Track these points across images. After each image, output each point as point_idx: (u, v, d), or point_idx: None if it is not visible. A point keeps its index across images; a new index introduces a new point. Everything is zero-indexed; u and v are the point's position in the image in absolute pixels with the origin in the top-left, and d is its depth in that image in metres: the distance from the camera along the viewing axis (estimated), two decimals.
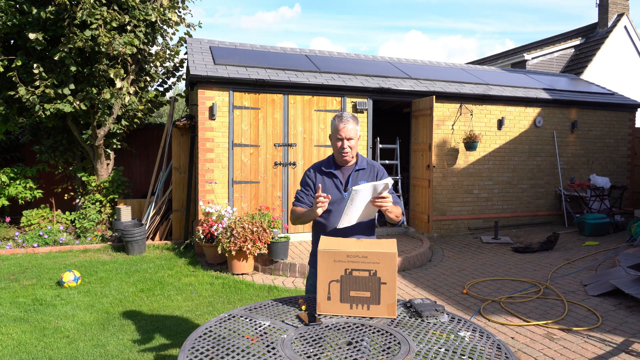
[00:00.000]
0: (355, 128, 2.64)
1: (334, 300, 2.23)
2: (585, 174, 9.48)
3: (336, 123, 2.65)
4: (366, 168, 2.74)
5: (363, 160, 2.77)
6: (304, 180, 2.80)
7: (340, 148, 2.64)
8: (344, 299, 2.22)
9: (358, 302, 2.21)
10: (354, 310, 2.21)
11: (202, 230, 6.35)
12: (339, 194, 2.67)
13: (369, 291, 2.22)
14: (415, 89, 8.07)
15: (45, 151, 8.48)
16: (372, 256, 2.26)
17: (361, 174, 2.71)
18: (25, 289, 5.33)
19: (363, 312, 2.20)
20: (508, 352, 1.85)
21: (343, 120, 2.63)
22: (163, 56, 8.60)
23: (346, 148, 2.63)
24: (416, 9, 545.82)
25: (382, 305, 2.20)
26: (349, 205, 2.36)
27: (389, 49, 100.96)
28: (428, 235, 7.94)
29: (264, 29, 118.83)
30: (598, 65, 12.96)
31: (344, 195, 2.66)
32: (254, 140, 7.16)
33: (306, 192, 2.76)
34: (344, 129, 2.61)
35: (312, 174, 2.76)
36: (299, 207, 2.74)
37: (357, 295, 2.22)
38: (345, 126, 2.61)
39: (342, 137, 2.62)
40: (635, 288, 4.64)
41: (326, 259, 2.27)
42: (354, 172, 2.70)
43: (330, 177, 2.71)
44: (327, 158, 2.81)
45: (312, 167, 2.80)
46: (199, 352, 1.82)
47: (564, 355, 3.57)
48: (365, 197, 2.38)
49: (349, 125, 2.62)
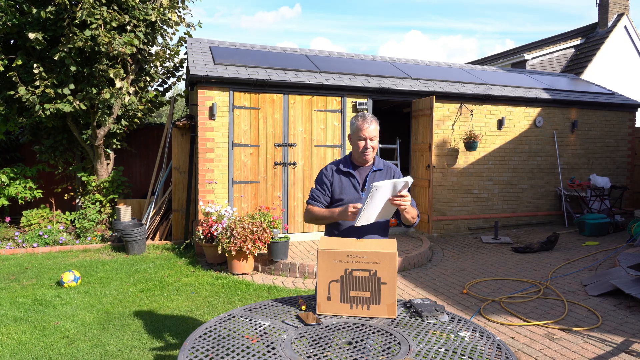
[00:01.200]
0: (377, 128, 2.63)
1: (334, 300, 2.23)
2: (585, 174, 9.48)
3: (359, 123, 2.62)
4: (383, 169, 2.72)
5: (380, 162, 2.75)
6: (320, 179, 2.75)
7: (363, 148, 2.61)
8: (344, 299, 2.22)
9: (358, 302, 2.21)
10: (354, 310, 2.21)
11: (202, 230, 6.35)
12: (357, 194, 2.65)
13: (369, 291, 2.21)
14: (415, 89, 8.07)
15: (45, 151, 8.48)
16: (372, 256, 2.26)
17: (378, 175, 2.69)
18: (25, 289, 5.33)
19: (363, 312, 2.20)
20: (508, 352, 1.85)
21: (366, 120, 2.61)
22: (163, 56, 8.60)
23: (369, 148, 2.61)
24: (416, 9, 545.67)
25: (382, 305, 2.20)
26: (368, 203, 2.32)
27: (389, 49, 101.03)
28: (428, 235, 7.94)
29: (264, 29, 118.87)
30: (598, 65, 12.96)
31: (361, 195, 2.64)
32: (254, 140, 7.16)
33: (322, 191, 2.71)
34: (367, 129, 2.59)
35: (330, 173, 2.73)
36: (315, 206, 2.71)
37: (357, 295, 2.22)
38: (368, 126, 2.59)
39: (366, 137, 2.59)
40: (635, 288, 4.64)
41: (326, 259, 2.27)
42: (372, 173, 2.68)
43: (347, 177, 2.68)
44: (343, 157, 2.78)
45: (329, 166, 2.78)
46: (199, 352, 1.82)
47: (564, 355, 3.57)
48: (385, 195, 2.34)
49: (372, 125, 2.60)
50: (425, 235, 7.81)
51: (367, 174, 2.67)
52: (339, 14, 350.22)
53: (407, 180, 2.37)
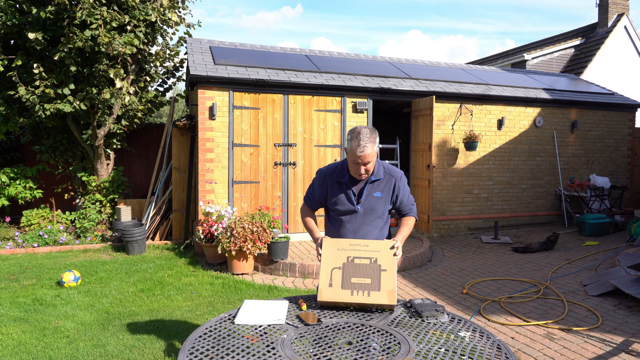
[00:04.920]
0: (373, 150, 2.40)
1: (335, 286, 2.25)
2: (585, 174, 9.48)
3: (353, 146, 2.38)
4: (382, 178, 2.56)
5: (380, 169, 2.56)
6: (315, 183, 2.69)
7: (357, 171, 2.45)
8: (345, 285, 2.25)
9: (359, 289, 2.24)
10: (354, 296, 2.23)
11: (202, 230, 6.36)
12: (352, 206, 2.55)
13: (369, 278, 2.26)
14: (415, 89, 8.07)
15: (45, 151, 8.48)
16: (373, 244, 2.35)
17: (376, 185, 2.55)
18: (25, 289, 5.33)
19: (364, 298, 2.22)
20: (508, 352, 1.85)
21: (361, 143, 2.35)
22: (163, 56, 8.60)
23: (363, 173, 2.45)
24: (417, 9, 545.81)
25: (382, 291, 2.23)
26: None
27: (389, 48, 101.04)
28: (428, 235, 7.94)
29: (265, 29, 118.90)
30: (598, 65, 12.96)
31: (357, 208, 2.55)
32: (254, 140, 7.16)
33: (313, 196, 2.71)
34: (362, 155, 2.36)
35: (324, 181, 2.62)
36: (308, 207, 2.76)
37: (358, 281, 2.25)
38: (363, 152, 2.36)
39: (359, 163, 2.41)
40: (635, 288, 4.64)
41: (330, 247, 2.36)
42: (369, 184, 2.54)
43: (342, 188, 2.56)
44: (340, 164, 2.61)
45: (325, 172, 2.64)
46: (199, 352, 1.82)
47: (564, 355, 3.57)
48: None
49: (367, 150, 2.36)
50: (425, 235, 7.81)
51: (365, 185, 2.55)
52: (340, 14, 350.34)
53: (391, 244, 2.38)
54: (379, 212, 2.59)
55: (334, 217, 2.66)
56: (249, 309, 2.22)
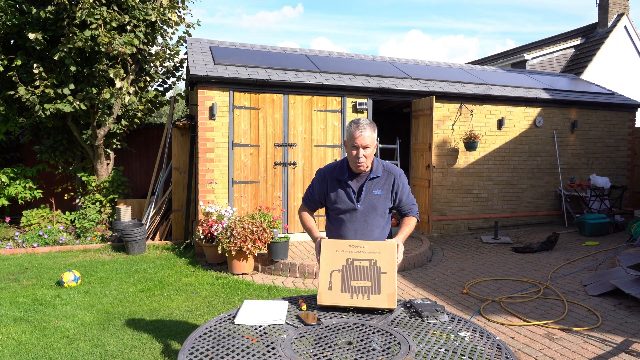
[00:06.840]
0: (372, 135, 2.46)
1: (335, 290, 2.23)
2: (585, 174, 9.48)
3: (352, 130, 2.46)
4: (382, 175, 2.57)
5: (379, 166, 2.58)
6: (314, 182, 2.69)
7: (355, 157, 2.46)
8: (344, 288, 2.23)
9: (359, 292, 2.22)
10: (354, 300, 2.21)
11: (202, 230, 6.35)
12: (351, 204, 2.55)
13: (369, 280, 2.23)
14: (415, 89, 8.07)
15: (45, 151, 8.48)
16: (373, 246, 2.31)
17: (376, 183, 2.56)
18: (25, 289, 5.33)
19: (363, 302, 2.20)
20: (508, 352, 1.85)
21: (360, 127, 2.44)
22: (163, 56, 8.60)
23: (361, 157, 2.45)
24: (417, 9, 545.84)
25: (382, 294, 2.21)
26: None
27: (389, 48, 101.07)
28: (428, 235, 7.94)
29: (265, 29, 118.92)
30: (598, 65, 12.96)
31: (357, 206, 2.54)
32: (254, 140, 7.16)
33: (313, 195, 2.71)
34: (360, 136, 2.42)
35: (324, 180, 2.62)
36: (307, 206, 2.75)
37: (358, 284, 2.23)
38: (361, 134, 2.42)
39: (358, 145, 2.43)
40: (635, 288, 4.64)
41: (329, 248, 2.33)
42: (368, 181, 2.54)
43: (342, 186, 2.57)
44: (340, 163, 2.63)
45: (325, 171, 2.65)
46: (199, 352, 1.82)
47: (564, 355, 3.57)
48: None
49: (366, 132, 2.43)
50: (425, 235, 7.81)
51: (364, 182, 2.55)
52: (341, 14, 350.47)
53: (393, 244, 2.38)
54: (379, 211, 2.59)
55: (334, 216, 2.65)
56: (249, 309, 2.22)
